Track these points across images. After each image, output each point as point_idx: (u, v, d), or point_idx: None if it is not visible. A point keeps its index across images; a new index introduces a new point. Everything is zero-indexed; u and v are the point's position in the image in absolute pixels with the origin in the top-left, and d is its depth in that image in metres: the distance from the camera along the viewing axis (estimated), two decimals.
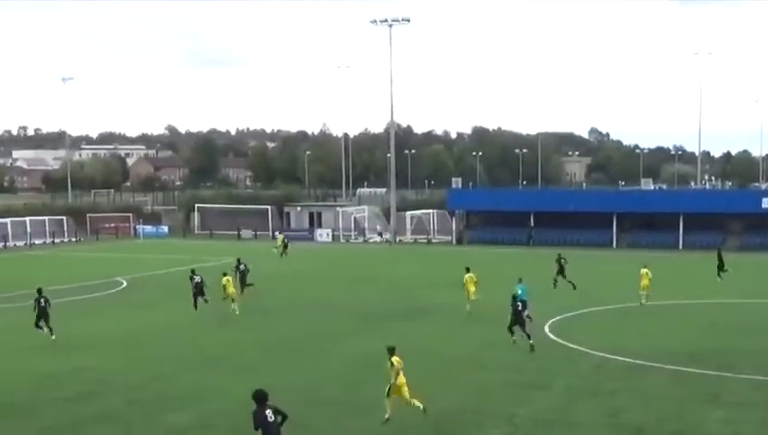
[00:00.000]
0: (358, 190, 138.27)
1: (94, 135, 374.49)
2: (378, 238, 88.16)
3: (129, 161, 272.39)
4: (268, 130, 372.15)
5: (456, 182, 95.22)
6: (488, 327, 35.84)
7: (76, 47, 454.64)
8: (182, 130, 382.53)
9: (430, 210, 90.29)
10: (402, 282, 50.43)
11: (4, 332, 36.93)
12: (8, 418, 23.44)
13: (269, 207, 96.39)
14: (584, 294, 45.33)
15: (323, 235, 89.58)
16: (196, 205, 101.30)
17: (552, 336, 34.18)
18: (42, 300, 35.28)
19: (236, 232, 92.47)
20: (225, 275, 42.21)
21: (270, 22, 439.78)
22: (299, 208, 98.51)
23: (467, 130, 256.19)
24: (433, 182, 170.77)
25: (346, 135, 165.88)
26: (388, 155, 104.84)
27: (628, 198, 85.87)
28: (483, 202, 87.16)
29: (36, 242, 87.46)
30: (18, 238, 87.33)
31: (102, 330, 37.06)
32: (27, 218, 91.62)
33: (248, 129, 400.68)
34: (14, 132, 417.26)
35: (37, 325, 34.93)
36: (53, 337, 34.26)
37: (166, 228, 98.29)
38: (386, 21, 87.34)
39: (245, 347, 32.86)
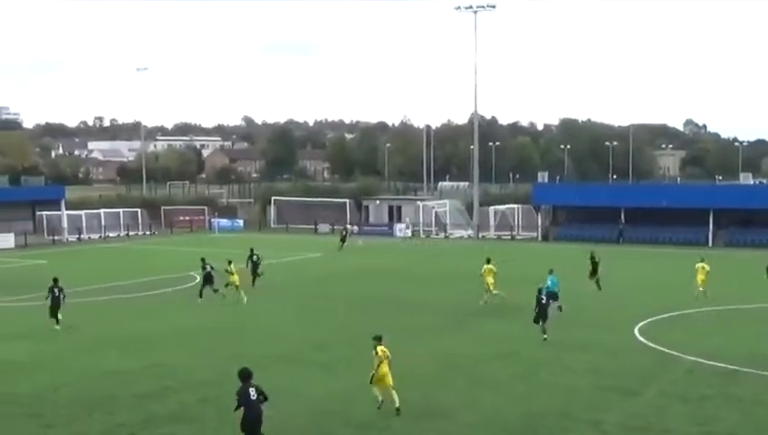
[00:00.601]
0: (439, 184, 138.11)
1: (170, 126, 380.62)
2: (462, 234, 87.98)
3: (205, 153, 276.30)
4: (347, 121, 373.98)
5: (543, 176, 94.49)
6: (575, 329, 35.57)
7: (151, 37, 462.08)
8: (259, 121, 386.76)
9: (515, 205, 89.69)
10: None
11: (79, 327, 37.72)
12: (83, 414, 24.00)
13: (347, 200, 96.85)
14: (677, 295, 44.65)
15: (403, 230, 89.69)
16: (273, 198, 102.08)
17: (642, 339, 33.77)
18: (56, 290, 37.39)
19: (313, 226, 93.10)
20: (230, 262, 44.57)
21: (351, 9, 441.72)
22: (378, 202, 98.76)
23: (555, 122, 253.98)
24: (518, 176, 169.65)
25: (428, 126, 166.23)
26: (472, 147, 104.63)
27: (726, 194, 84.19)
28: (570, 197, 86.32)
29: (111, 235, 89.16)
30: (93, 231, 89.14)
31: (175, 326, 37.66)
32: (102, 211, 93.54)
33: (326, 119, 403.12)
34: (90, 123, 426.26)
35: (52, 315, 37.07)
36: (58, 327, 36.43)
37: (241, 222, 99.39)
38: (470, 7, 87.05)
39: (321, 345, 33.08)
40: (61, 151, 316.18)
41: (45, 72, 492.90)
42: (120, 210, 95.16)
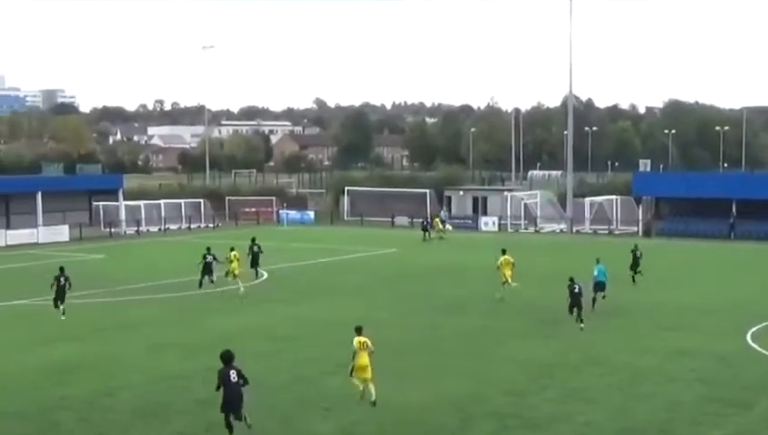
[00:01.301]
0: (529, 173, 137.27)
1: (235, 110, 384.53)
2: (554, 227, 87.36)
3: (273, 139, 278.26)
4: (428, 104, 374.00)
5: (645, 164, 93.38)
6: (678, 334, 35.06)
7: (218, 12, 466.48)
8: (331, 104, 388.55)
9: (613, 196, 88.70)
10: (579, 278, 49.59)
11: (137, 327, 38.23)
12: (138, 421, 24.30)
13: (427, 190, 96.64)
14: None
15: (489, 223, 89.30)
16: (346, 188, 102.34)
17: (754, 346, 33.15)
18: (62, 279, 40.31)
19: (390, 219, 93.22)
20: (232, 249, 48.02)
21: None
22: (461, 193, 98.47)
23: (658, 104, 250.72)
24: (617, 164, 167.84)
25: (517, 109, 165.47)
26: (565, 132, 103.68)
27: None
28: (675, 187, 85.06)
29: (171, 227, 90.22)
30: (152, 223, 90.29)
31: (239, 326, 37.94)
32: (162, 201, 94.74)
33: (405, 102, 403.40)
34: (150, 107, 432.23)
35: (55, 305, 39.93)
36: (63, 318, 39.16)
37: (312, 214, 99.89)
38: None
39: (397, 350, 33.02)
40: (119, 137, 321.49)
41: (103, 52, 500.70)
42: (182, 201, 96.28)
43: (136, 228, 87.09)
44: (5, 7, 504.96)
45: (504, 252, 45.02)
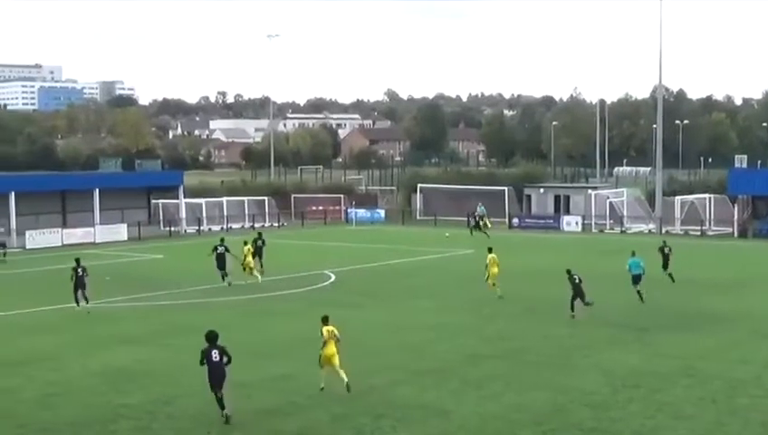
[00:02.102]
0: (615, 169, 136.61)
1: (302, 102, 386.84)
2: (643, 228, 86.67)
3: (342, 133, 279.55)
4: (506, 96, 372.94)
5: (741, 160, 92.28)
6: None
7: None
8: (404, 95, 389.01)
9: (706, 195, 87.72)
10: (672, 283, 49.20)
11: (198, 331, 38.47)
12: (199, 431, 24.62)
13: (506, 188, 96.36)
14: None
15: (572, 223, 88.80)
16: (419, 185, 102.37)
17: None
18: (80, 270, 42.59)
19: (465, 218, 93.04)
20: (245, 243, 52.09)
21: None
22: (542, 190, 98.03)
23: (756, 95, 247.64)
24: (710, 160, 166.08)
25: (601, 101, 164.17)
26: (654, 126, 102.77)
27: None
28: None
29: (233, 226, 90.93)
30: (213, 221, 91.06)
31: (304, 331, 38.07)
32: (224, 199, 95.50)
33: (482, 94, 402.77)
34: (212, 99, 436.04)
35: (76, 299, 42.28)
36: (81, 307, 41.96)
37: (382, 213, 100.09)
38: None
39: (471, 356, 33.02)
40: (179, 131, 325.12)
41: (164, 42, 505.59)
42: (245, 199, 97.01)
43: (197, 227, 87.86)
44: None
45: (489, 250, 47.40)
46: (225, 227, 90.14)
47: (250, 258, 51.13)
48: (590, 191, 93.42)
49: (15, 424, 25.12)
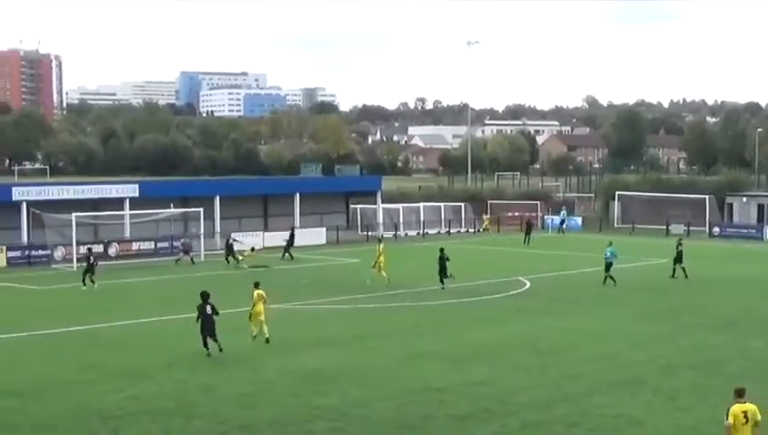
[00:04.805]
0: None
1: (500, 108, 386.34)
2: None
3: (540, 139, 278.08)
4: (709, 102, 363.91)
5: None
6: None
7: (484, 6, 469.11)
8: (603, 101, 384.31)
9: None
10: None
11: (395, 335, 39.05)
12: (396, 434, 24.93)
13: (707, 196, 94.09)
14: None
15: None
16: (617, 192, 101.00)
17: None
18: (91, 258, 52.51)
19: (664, 226, 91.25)
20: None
21: None
22: (744, 199, 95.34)
23: None
24: None
25: None
26: None
27: None
28: None
29: (430, 232, 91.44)
30: (410, 227, 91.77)
31: (499, 337, 38.12)
32: (421, 204, 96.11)
33: (684, 100, 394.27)
34: (411, 105, 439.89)
35: (83, 281, 51.50)
36: (95, 285, 51.28)
37: (579, 220, 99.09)
38: None
39: (668, 368, 32.38)
40: (378, 137, 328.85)
41: (365, 48, 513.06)
42: (441, 204, 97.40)
43: (393, 232, 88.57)
44: (264, 7, 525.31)
45: (379, 240, 57.95)
46: (421, 232, 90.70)
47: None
48: None
49: (217, 421, 25.90)
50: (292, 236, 70.41)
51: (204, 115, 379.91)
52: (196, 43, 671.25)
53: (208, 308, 33.46)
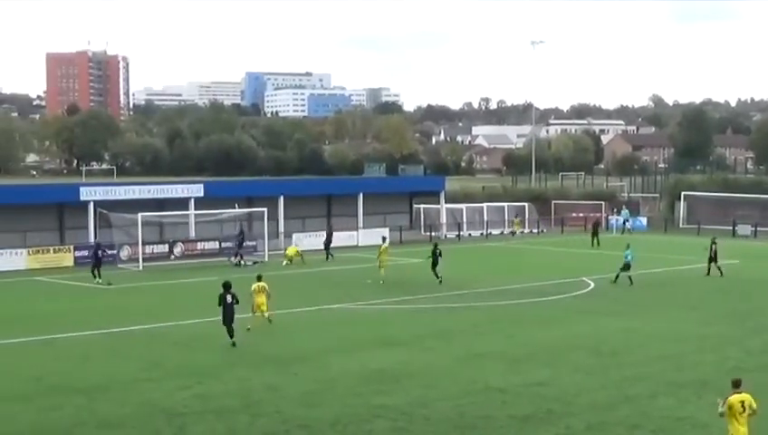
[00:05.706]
0: None
1: (565, 108, 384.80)
2: None
3: (604, 139, 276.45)
4: None
5: None
6: None
7: (548, 5, 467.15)
8: (669, 101, 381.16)
9: None
10: None
11: (456, 335, 39.06)
12: (454, 434, 24.94)
13: None
14: None
15: None
16: (683, 192, 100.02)
17: None
18: (99, 252, 55.22)
19: (731, 227, 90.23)
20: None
21: None
22: None
23: None
24: None
25: None
26: None
27: None
28: None
29: (493, 232, 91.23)
30: (473, 227, 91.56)
31: (562, 338, 37.99)
32: (484, 205, 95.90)
33: (752, 99, 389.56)
34: (475, 105, 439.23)
35: (93, 273, 54.15)
36: (99, 280, 53.48)
37: (644, 220, 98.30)
38: None
39: (734, 371, 31.83)
40: (442, 137, 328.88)
41: (428, 47, 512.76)
42: (505, 204, 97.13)
43: (457, 232, 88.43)
44: (329, 7, 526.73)
45: (383, 240, 58.96)
46: (484, 232, 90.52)
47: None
48: None
49: (280, 420, 26.11)
50: (329, 235, 70.94)
51: (268, 115, 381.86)
52: (261, 44, 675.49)
53: (229, 297, 35.23)
